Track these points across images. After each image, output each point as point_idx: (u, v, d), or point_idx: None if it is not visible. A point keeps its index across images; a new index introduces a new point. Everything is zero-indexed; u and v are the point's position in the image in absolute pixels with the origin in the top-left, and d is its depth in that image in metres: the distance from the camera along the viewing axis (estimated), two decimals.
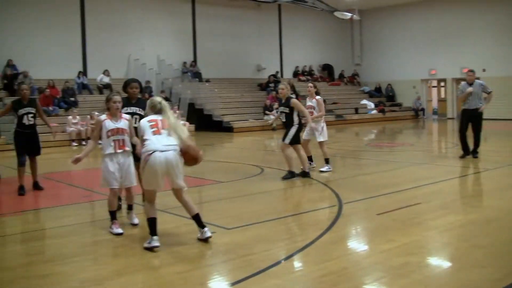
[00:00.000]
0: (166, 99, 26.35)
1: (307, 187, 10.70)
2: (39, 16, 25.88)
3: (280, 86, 11.74)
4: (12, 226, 8.12)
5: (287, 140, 11.30)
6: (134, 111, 8.07)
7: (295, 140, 11.35)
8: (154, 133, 6.52)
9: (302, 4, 31.73)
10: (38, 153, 10.77)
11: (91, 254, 6.45)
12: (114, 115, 7.35)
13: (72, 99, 24.36)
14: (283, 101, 11.58)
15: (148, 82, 27.38)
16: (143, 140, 6.53)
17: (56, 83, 24.53)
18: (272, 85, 31.55)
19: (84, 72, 26.90)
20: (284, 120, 11.53)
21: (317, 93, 12.64)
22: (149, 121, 6.62)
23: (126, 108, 7.93)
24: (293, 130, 11.29)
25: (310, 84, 12.77)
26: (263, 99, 29.70)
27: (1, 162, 13.61)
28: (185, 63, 30.65)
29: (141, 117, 7.58)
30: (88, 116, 22.27)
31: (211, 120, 27.40)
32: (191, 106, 27.76)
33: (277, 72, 34.16)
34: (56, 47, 26.13)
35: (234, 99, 29.86)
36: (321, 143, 12.39)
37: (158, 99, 6.81)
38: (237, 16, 32.93)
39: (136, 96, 8.27)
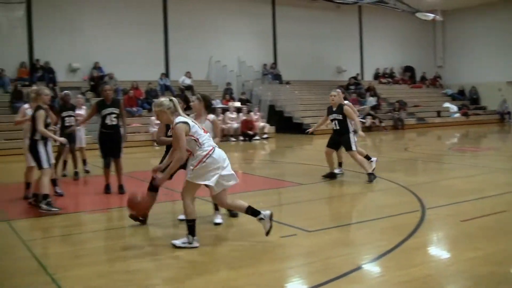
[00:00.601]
0: (247, 101, 26.64)
1: (389, 191, 10.54)
2: (124, 19, 26.71)
3: (332, 93, 11.67)
4: (98, 223, 8.40)
5: (354, 147, 11.39)
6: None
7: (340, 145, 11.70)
8: (204, 131, 6.65)
9: (383, 5, 31.29)
10: (118, 156, 10.65)
11: (172, 252, 6.58)
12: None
13: (154, 100, 24.91)
14: (335, 108, 11.54)
15: (228, 84, 27.73)
16: (195, 139, 6.49)
17: (140, 85, 25.21)
18: (352, 87, 31.31)
19: (166, 74, 27.57)
20: (337, 127, 11.59)
21: (345, 99, 12.19)
22: (193, 121, 6.66)
23: None
24: (351, 137, 11.41)
25: (334, 93, 12.35)
26: None
27: (89, 160, 14.05)
28: (265, 65, 30.85)
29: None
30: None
31: (291, 122, 27.44)
32: (271, 108, 27.91)
33: (357, 74, 33.87)
34: (140, 49, 26.92)
35: (314, 101, 29.77)
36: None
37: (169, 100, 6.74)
38: (317, 18, 32.83)
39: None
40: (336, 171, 12.06)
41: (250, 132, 23.93)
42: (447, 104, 33.70)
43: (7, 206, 9.51)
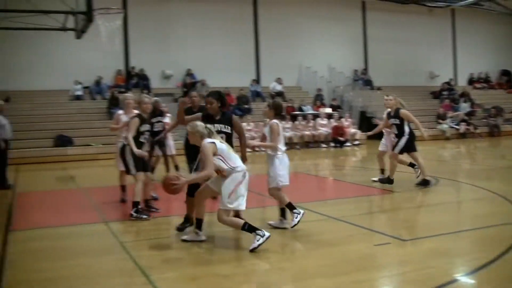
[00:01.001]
0: (338, 107, 26.51)
1: (486, 200, 10.20)
2: (216, 27, 27.28)
3: (389, 97, 11.78)
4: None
5: (397, 150, 11.48)
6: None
7: (410, 149, 11.55)
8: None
9: (477, 7, 30.35)
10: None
11: (259, 258, 6.64)
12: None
13: (246, 106, 25.27)
14: (392, 113, 11.56)
15: (319, 90, 27.69)
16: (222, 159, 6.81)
17: (231, 91, 25.58)
18: (445, 93, 30.57)
19: (257, 80, 27.84)
20: (396, 131, 11.62)
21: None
22: (221, 141, 7.03)
23: None
24: (403, 140, 11.46)
25: (390, 97, 12.11)
26: (436, 108, 28.86)
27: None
28: (356, 70, 30.62)
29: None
30: (261, 123, 22.92)
31: None
32: (362, 114, 27.64)
33: (450, 79, 33.03)
34: (231, 56, 27.39)
35: (406, 107, 29.21)
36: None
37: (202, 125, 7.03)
38: (409, 22, 32.25)
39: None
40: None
41: (341, 139, 23.80)
42: None
43: (105, 209, 9.88)
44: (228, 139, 7.63)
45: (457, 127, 27.30)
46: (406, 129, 11.59)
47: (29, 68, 23.98)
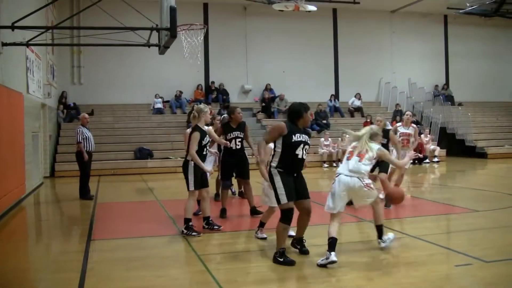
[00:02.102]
0: (417, 122, 26.03)
1: None
2: (295, 41, 27.44)
3: (378, 118, 11.47)
4: (264, 242, 8.56)
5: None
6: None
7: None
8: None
9: None
10: (247, 177, 10.54)
11: (342, 275, 6.54)
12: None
13: (325, 121, 25.18)
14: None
15: (397, 105, 27.27)
16: None
17: (310, 106, 25.43)
18: None
19: (336, 95, 27.71)
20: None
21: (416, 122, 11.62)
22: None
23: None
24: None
25: (409, 112, 12.24)
26: None
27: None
28: (436, 86, 30.00)
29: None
30: (339, 138, 22.81)
31: (463, 145, 26.35)
32: (442, 130, 27.01)
33: None
34: (310, 71, 27.45)
35: (488, 124, 28.43)
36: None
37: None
38: (493, 36, 31.33)
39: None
40: None
41: (420, 155, 23.32)
42: None
43: (182, 221, 9.98)
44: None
45: None
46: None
47: (113, 82, 24.85)
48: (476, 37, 30.94)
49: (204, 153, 9.00)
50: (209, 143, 9.23)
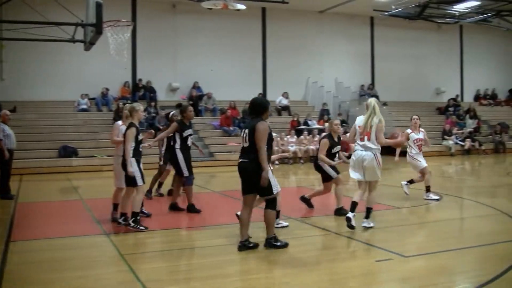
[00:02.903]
0: (344, 121, 26.52)
1: (489, 217, 10.15)
2: (223, 41, 27.43)
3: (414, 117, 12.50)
4: (191, 240, 8.59)
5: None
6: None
7: None
8: None
9: (486, 24, 30.33)
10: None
11: (265, 272, 6.60)
12: None
13: None
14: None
15: (324, 104, 27.69)
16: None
17: (237, 104, 25.63)
18: (451, 109, 30.52)
19: (263, 94, 27.88)
20: None
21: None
22: None
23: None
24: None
25: (415, 116, 13.12)
26: (442, 123, 28.80)
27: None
28: (362, 86, 30.65)
29: None
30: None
31: None
32: None
33: (457, 95, 32.94)
34: (238, 70, 27.52)
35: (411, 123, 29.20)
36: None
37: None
38: (416, 38, 32.30)
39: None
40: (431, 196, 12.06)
41: (345, 153, 23.67)
42: None
43: (107, 220, 9.85)
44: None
45: (462, 143, 27.22)
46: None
47: (36, 78, 24.11)
48: (401, 39, 31.79)
49: (140, 149, 9.09)
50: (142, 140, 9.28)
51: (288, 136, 23.89)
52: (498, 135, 28.51)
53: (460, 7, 27.40)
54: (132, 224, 8.82)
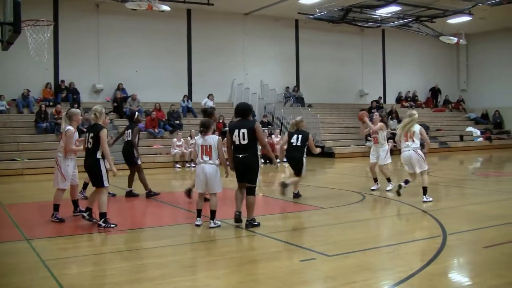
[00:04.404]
0: (269, 123, 26.72)
1: (410, 216, 10.45)
2: (148, 42, 27.16)
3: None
4: (116, 244, 8.44)
5: None
6: None
7: None
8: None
9: (407, 29, 31.27)
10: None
11: (189, 275, 6.58)
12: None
13: (177, 122, 25.16)
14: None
15: None
16: None
17: (162, 106, 25.42)
18: (374, 110, 31.20)
19: (189, 96, 27.77)
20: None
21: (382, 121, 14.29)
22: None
23: None
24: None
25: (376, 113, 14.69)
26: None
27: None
28: (288, 88, 30.96)
29: None
30: (189, 138, 22.80)
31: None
32: None
33: (380, 97, 33.80)
34: (163, 71, 27.30)
35: (336, 125, 29.78)
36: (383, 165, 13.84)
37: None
38: (341, 41, 32.94)
39: None
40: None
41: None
42: (470, 128, 33.43)
43: (28, 225, 9.58)
44: None
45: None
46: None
47: None
48: (325, 42, 32.33)
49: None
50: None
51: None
52: None
53: (382, 12, 28.12)
54: (103, 225, 9.06)
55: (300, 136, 12.25)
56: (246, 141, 8.99)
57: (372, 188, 13.70)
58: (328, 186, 14.69)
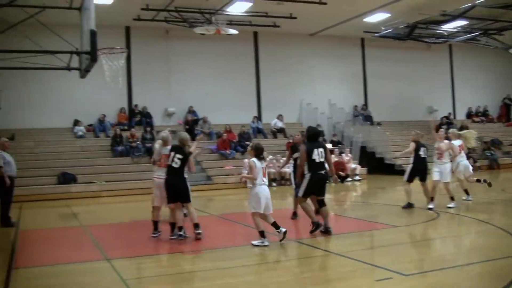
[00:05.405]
0: (338, 142, 26.72)
1: (487, 233, 10.27)
2: (217, 64, 27.72)
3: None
4: (193, 264, 8.71)
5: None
6: None
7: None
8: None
9: (475, 43, 30.71)
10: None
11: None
12: None
13: (248, 143, 25.43)
14: None
15: (318, 125, 27.88)
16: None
17: (233, 128, 25.83)
18: (444, 127, 30.75)
19: (258, 117, 28.11)
20: None
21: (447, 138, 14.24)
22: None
23: None
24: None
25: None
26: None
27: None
28: (356, 106, 30.90)
29: None
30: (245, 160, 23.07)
31: (383, 163, 27.21)
32: (362, 149, 27.78)
33: (449, 113, 33.26)
34: (233, 93, 27.79)
35: (406, 142, 29.26)
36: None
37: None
38: (407, 58, 32.61)
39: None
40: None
41: (342, 174, 23.88)
42: None
43: (107, 246, 9.96)
44: None
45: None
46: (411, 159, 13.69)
47: (33, 106, 24.26)
48: (392, 59, 32.09)
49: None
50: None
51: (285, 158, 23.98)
52: (492, 151, 28.72)
53: (448, 27, 27.76)
54: (179, 233, 10.05)
55: None
56: (323, 159, 10.21)
57: (429, 206, 13.42)
58: (400, 204, 14.60)
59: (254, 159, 9.63)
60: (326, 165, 10.45)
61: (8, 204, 13.34)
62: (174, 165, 9.93)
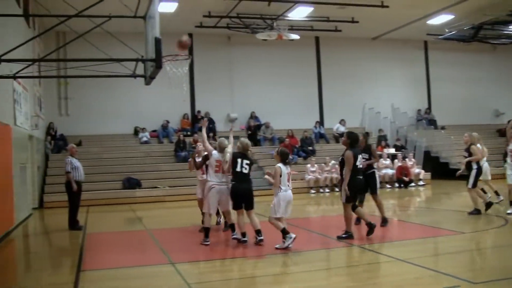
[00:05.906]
0: (402, 147, 26.34)
1: None
2: (278, 70, 27.82)
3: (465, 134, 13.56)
4: (257, 269, 8.75)
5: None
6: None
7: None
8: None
9: None
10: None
11: None
12: None
13: (310, 148, 25.41)
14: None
15: (380, 130, 27.61)
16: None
17: (295, 133, 25.82)
18: None
19: (321, 122, 28.03)
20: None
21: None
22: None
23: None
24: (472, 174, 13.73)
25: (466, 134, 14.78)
26: (503, 146, 28.19)
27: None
28: (419, 110, 30.43)
29: None
30: (323, 164, 23.05)
31: (448, 168, 26.62)
32: (426, 154, 27.27)
33: None
34: (295, 99, 27.85)
35: None
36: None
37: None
38: (472, 60, 31.90)
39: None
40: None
41: (406, 179, 23.55)
42: None
43: (172, 250, 10.10)
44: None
45: None
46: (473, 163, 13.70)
47: (99, 113, 24.94)
48: (456, 62, 31.46)
49: None
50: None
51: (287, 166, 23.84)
52: None
53: None
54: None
55: None
56: (361, 165, 10.57)
57: (508, 212, 13.00)
58: (466, 210, 14.26)
59: (280, 164, 9.92)
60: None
61: (75, 208, 13.72)
62: (244, 171, 10.08)
